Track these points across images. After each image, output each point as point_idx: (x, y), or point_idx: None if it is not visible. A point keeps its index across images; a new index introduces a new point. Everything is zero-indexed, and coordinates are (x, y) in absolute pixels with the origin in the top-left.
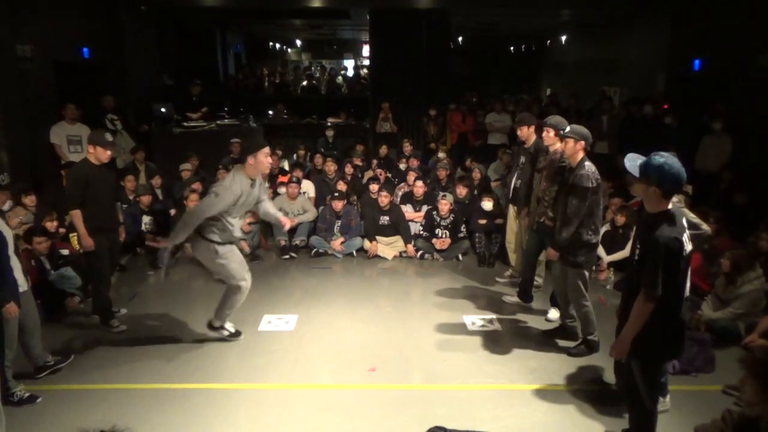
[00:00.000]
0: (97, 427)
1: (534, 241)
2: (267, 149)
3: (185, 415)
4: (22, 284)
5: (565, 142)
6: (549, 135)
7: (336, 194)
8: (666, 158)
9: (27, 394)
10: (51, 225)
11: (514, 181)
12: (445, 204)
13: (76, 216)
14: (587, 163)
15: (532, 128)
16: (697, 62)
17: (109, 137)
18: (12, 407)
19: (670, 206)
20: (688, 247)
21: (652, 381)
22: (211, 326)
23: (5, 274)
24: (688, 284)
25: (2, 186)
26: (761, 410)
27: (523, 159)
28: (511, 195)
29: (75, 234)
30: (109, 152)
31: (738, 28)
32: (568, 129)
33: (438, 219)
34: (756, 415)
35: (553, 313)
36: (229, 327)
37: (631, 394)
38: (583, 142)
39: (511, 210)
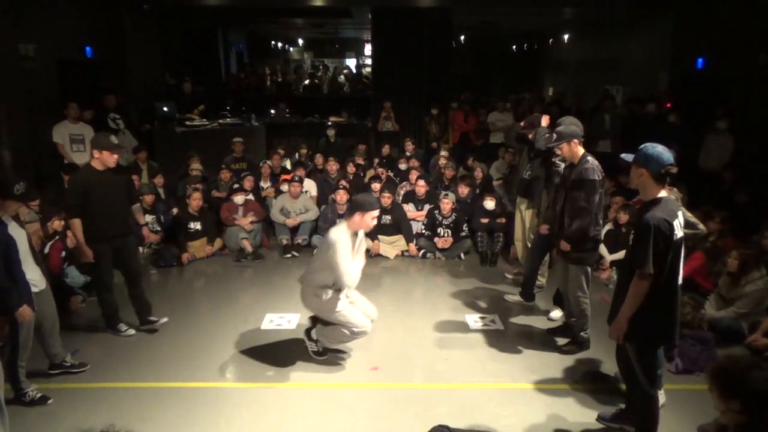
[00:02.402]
0: (98, 426)
1: (541, 241)
2: (376, 212)
3: (187, 413)
4: (39, 284)
5: (560, 149)
6: None
7: (341, 186)
8: (649, 144)
9: (39, 395)
10: (59, 224)
11: (523, 174)
12: (447, 203)
13: (75, 226)
14: (590, 158)
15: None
16: (700, 60)
17: (114, 139)
18: (18, 406)
19: (663, 194)
20: (679, 232)
21: (647, 364)
22: (308, 335)
23: (16, 278)
24: (681, 272)
25: (17, 195)
26: (726, 419)
27: (532, 153)
28: (518, 187)
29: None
30: (116, 156)
31: (741, 27)
32: (555, 136)
33: (440, 218)
34: (723, 424)
35: (556, 313)
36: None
37: (630, 380)
38: (575, 140)
39: (519, 202)
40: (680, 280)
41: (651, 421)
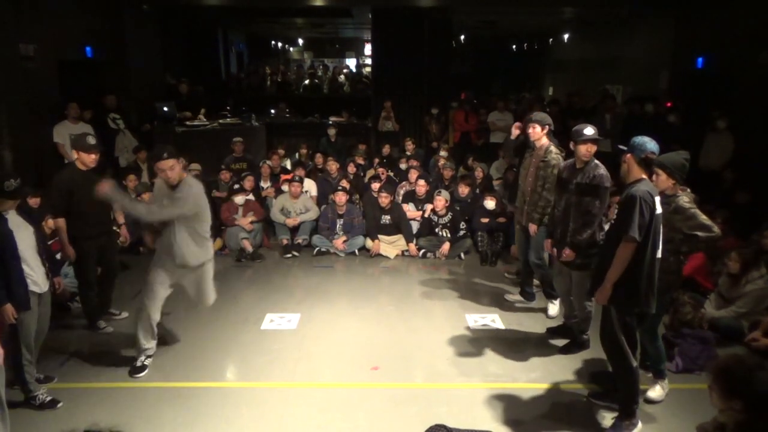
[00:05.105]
0: (93, 427)
1: (524, 237)
2: (93, 152)
3: (187, 413)
4: (41, 285)
5: (532, 127)
6: (534, 131)
7: (340, 188)
8: (638, 136)
9: (49, 398)
10: (53, 223)
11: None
12: (440, 200)
13: (60, 225)
14: (598, 162)
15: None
16: (700, 60)
17: (91, 140)
18: (22, 409)
19: (644, 177)
20: (659, 209)
21: (629, 329)
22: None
23: (8, 275)
24: (660, 246)
25: (10, 191)
26: (725, 417)
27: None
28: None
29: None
30: (93, 156)
31: (742, 26)
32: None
33: (436, 218)
34: (722, 422)
35: (552, 308)
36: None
37: (613, 355)
38: (547, 126)
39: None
40: (659, 254)
41: (633, 393)
